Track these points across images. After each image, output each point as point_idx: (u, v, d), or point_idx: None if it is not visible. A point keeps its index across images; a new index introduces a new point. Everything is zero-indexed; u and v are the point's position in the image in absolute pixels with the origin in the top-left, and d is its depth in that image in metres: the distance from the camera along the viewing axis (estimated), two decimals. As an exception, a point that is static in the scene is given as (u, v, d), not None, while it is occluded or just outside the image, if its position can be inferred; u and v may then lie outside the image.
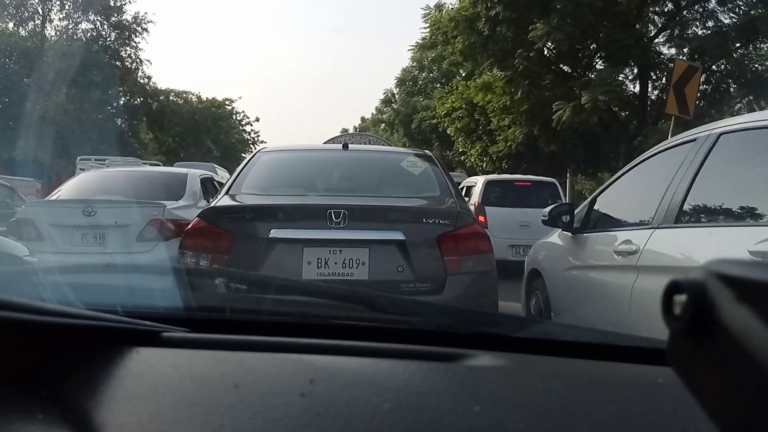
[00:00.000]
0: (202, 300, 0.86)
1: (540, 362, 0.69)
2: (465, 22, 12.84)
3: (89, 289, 0.85)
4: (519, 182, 8.52)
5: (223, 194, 3.18)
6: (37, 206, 5.59)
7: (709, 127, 2.45)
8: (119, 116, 28.29)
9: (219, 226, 2.77)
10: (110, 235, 4.68)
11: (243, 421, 0.51)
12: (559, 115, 12.03)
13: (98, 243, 4.66)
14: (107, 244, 4.64)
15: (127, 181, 5.69)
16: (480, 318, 0.92)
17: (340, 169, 3.66)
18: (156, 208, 4.80)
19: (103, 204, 4.81)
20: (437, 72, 28.39)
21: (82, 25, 27.96)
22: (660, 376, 0.61)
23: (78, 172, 9.20)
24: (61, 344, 0.63)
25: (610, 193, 3.17)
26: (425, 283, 2.69)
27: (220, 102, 35.02)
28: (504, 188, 8.24)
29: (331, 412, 0.52)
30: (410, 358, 0.66)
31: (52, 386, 0.56)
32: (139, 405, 0.54)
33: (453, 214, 2.84)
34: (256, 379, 0.59)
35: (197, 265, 2.66)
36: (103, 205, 4.78)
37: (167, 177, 6.00)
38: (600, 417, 0.56)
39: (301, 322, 0.78)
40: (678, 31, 12.62)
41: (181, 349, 0.67)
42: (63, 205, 5.05)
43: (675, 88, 6.55)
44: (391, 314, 0.85)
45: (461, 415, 0.54)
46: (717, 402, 0.33)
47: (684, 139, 2.59)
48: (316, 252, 2.72)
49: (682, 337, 0.34)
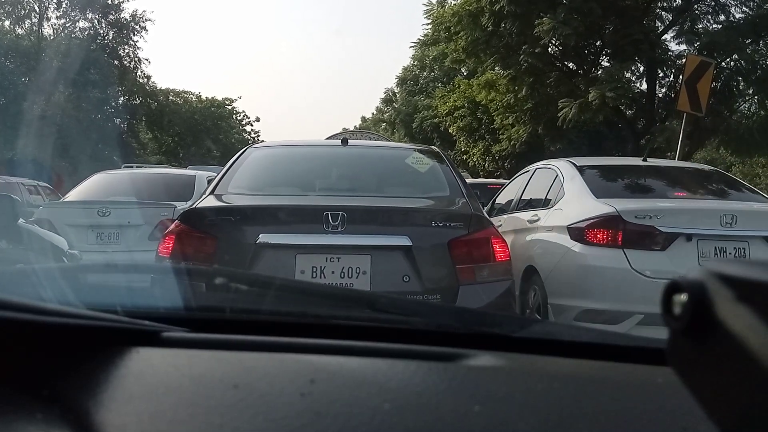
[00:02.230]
0: (202, 300, 0.86)
1: (540, 362, 0.69)
2: (468, 18, 12.62)
3: (89, 289, 0.85)
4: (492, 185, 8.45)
5: (207, 194, 2.88)
6: (55, 207, 5.99)
7: (535, 165, 4.96)
8: (118, 116, 28.28)
9: (201, 230, 2.51)
10: (123, 234, 4.99)
11: (243, 421, 0.51)
12: (565, 113, 11.85)
13: (113, 242, 4.99)
14: (121, 243, 4.95)
15: (138, 183, 6.04)
16: (480, 318, 0.93)
17: (338, 166, 3.39)
18: (166, 208, 5.08)
19: (118, 205, 5.12)
20: (439, 70, 28.36)
21: (80, 24, 27.98)
22: (660, 376, 0.61)
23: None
24: (61, 344, 0.63)
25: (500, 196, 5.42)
26: (434, 294, 2.43)
27: (219, 102, 35.02)
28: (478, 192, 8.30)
29: (331, 412, 0.52)
30: (410, 358, 0.66)
31: (52, 386, 0.56)
32: (139, 405, 0.55)
33: (466, 216, 2.59)
34: (256, 379, 0.59)
35: None
36: (117, 206, 5.09)
37: (176, 179, 6.36)
38: (600, 417, 0.56)
39: (301, 322, 0.78)
40: (689, 26, 12.44)
41: (181, 349, 0.67)
42: (79, 205, 5.38)
43: (687, 84, 6.33)
44: (391, 314, 0.85)
45: (461, 415, 0.54)
46: (717, 402, 0.33)
47: (526, 169, 5.14)
48: (310, 260, 2.46)
49: (682, 337, 0.34)
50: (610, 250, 3.41)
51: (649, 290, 3.16)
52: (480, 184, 8.79)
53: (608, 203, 3.56)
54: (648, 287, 3.22)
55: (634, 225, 3.39)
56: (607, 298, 3.34)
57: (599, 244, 3.46)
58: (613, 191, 3.91)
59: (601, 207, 3.55)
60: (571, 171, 4.12)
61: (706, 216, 3.49)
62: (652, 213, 3.43)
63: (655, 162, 4.76)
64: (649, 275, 3.29)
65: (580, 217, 3.59)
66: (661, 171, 4.47)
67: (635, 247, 3.36)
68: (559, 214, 3.85)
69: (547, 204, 4.16)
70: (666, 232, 3.36)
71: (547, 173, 4.46)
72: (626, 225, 3.38)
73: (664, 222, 3.39)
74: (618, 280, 3.35)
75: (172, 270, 1.04)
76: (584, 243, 3.49)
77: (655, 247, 3.37)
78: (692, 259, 3.35)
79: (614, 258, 3.38)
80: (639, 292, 3.23)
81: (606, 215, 3.47)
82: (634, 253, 3.35)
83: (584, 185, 3.87)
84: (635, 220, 3.40)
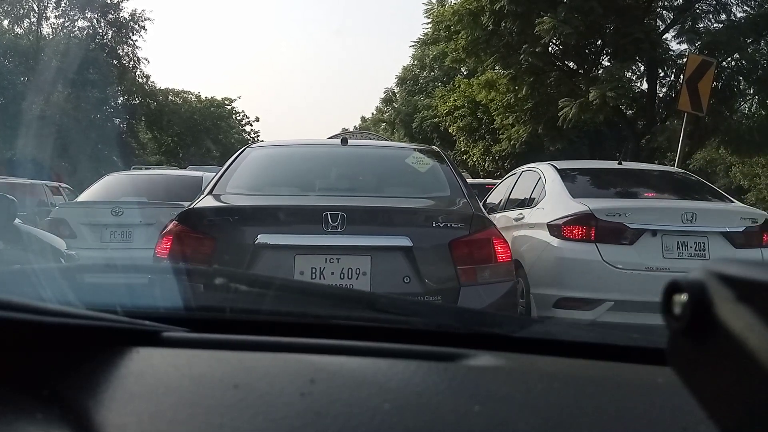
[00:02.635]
0: (202, 300, 0.86)
1: (540, 362, 0.69)
2: (469, 17, 12.60)
3: (89, 289, 0.85)
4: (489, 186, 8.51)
5: (205, 194, 2.84)
6: (70, 207, 6.21)
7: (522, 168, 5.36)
8: (117, 116, 28.28)
9: (198, 231, 2.47)
10: (136, 233, 5.18)
11: (243, 421, 0.51)
12: (565, 113, 11.85)
13: (125, 240, 5.20)
14: (133, 241, 5.14)
15: (149, 184, 6.32)
16: (480, 318, 0.93)
17: (338, 166, 3.36)
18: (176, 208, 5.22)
19: (130, 205, 5.32)
20: (439, 70, 28.35)
21: (79, 23, 27.98)
22: (660, 376, 0.61)
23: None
24: (61, 344, 0.63)
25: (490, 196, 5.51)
26: (435, 296, 2.40)
27: (219, 101, 34.97)
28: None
29: (331, 412, 0.52)
30: (410, 358, 0.66)
31: (52, 386, 0.56)
32: (139, 405, 0.55)
33: (467, 216, 2.56)
34: (256, 379, 0.59)
35: None
36: (129, 206, 5.28)
37: (184, 180, 6.56)
38: (600, 417, 0.56)
39: (301, 322, 0.78)
40: (690, 25, 12.40)
41: (181, 349, 0.67)
42: (93, 205, 5.58)
43: (688, 83, 6.31)
44: (391, 314, 0.85)
45: (461, 415, 0.54)
46: (717, 402, 0.33)
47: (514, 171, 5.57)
48: (309, 260, 2.42)
49: (682, 337, 0.34)
50: (584, 244, 3.80)
51: (618, 280, 3.65)
52: (478, 184, 8.79)
53: (583, 203, 3.96)
54: (618, 277, 3.67)
55: (606, 222, 3.80)
56: (582, 287, 3.71)
57: (575, 239, 3.84)
58: (588, 192, 4.35)
59: (577, 206, 3.95)
60: (552, 173, 4.52)
61: (669, 214, 3.87)
62: (622, 211, 3.84)
63: (629, 165, 5.19)
64: (619, 267, 3.70)
65: (558, 215, 3.98)
66: (633, 174, 4.93)
67: (606, 241, 3.78)
68: (541, 212, 4.24)
69: (531, 203, 4.56)
70: (634, 228, 3.77)
71: (531, 175, 4.88)
72: (598, 222, 3.81)
73: (632, 219, 3.80)
74: (591, 271, 3.73)
75: (172, 270, 1.04)
76: (561, 238, 3.88)
77: (624, 241, 3.78)
78: (657, 252, 3.76)
79: (588, 251, 3.76)
80: (610, 282, 3.66)
81: (581, 213, 3.87)
82: (605, 246, 3.76)
83: (563, 186, 4.29)
84: (606, 217, 3.81)
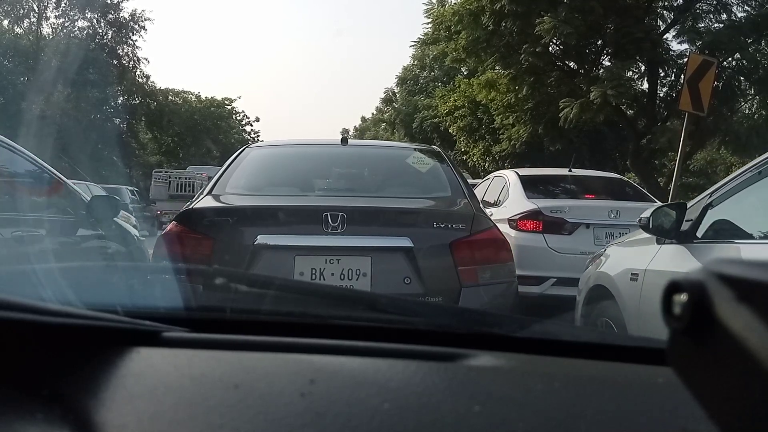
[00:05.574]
0: (202, 300, 0.86)
1: (540, 362, 0.69)
2: (469, 17, 12.55)
3: (89, 289, 0.85)
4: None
5: (204, 195, 2.81)
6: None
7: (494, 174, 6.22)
8: (117, 116, 28.28)
9: (197, 231, 2.45)
10: None
11: (243, 421, 0.51)
12: (566, 113, 11.82)
13: None
14: None
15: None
16: (480, 318, 0.93)
17: (338, 166, 3.35)
18: None
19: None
20: (439, 70, 28.33)
21: (79, 23, 28.00)
22: (660, 376, 0.61)
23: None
24: (61, 344, 0.63)
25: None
26: (436, 296, 2.39)
27: (219, 102, 35.01)
28: None
29: (331, 412, 0.52)
30: (410, 358, 0.66)
31: (52, 386, 0.56)
32: (139, 405, 0.55)
33: (468, 217, 2.54)
34: (256, 379, 0.59)
35: None
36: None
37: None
38: (600, 417, 0.56)
39: (301, 322, 0.78)
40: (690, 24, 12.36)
41: (181, 349, 0.67)
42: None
43: (689, 83, 6.23)
44: (391, 314, 0.85)
45: (461, 415, 0.54)
46: (717, 402, 0.33)
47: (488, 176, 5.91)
48: (309, 261, 2.41)
49: (682, 337, 0.34)
50: (534, 234, 4.89)
51: (560, 262, 4.72)
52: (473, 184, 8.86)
53: (534, 202, 5.09)
54: (559, 260, 4.74)
55: (550, 217, 4.89)
56: (532, 267, 4.69)
57: (527, 231, 4.92)
58: (540, 193, 5.46)
59: (529, 205, 5.07)
60: (514, 178, 5.66)
61: (599, 211, 4.94)
62: (563, 209, 4.94)
63: (577, 172, 6.23)
64: (560, 251, 4.80)
65: (515, 212, 5.06)
66: (578, 179, 6.00)
67: (550, 232, 4.86)
68: (504, 210, 5.29)
69: (498, 203, 5.61)
70: (571, 222, 4.87)
71: (500, 180, 6.05)
72: (544, 217, 4.89)
73: (570, 215, 4.89)
74: (539, 255, 4.78)
75: (172, 270, 1.04)
76: (517, 230, 4.93)
77: (564, 232, 4.87)
78: (590, 240, 4.80)
79: (537, 240, 4.86)
80: (553, 263, 4.74)
81: (531, 210, 4.99)
82: (550, 236, 4.85)
83: (521, 189, 5.40)
84: (551, 213, 4.90)
